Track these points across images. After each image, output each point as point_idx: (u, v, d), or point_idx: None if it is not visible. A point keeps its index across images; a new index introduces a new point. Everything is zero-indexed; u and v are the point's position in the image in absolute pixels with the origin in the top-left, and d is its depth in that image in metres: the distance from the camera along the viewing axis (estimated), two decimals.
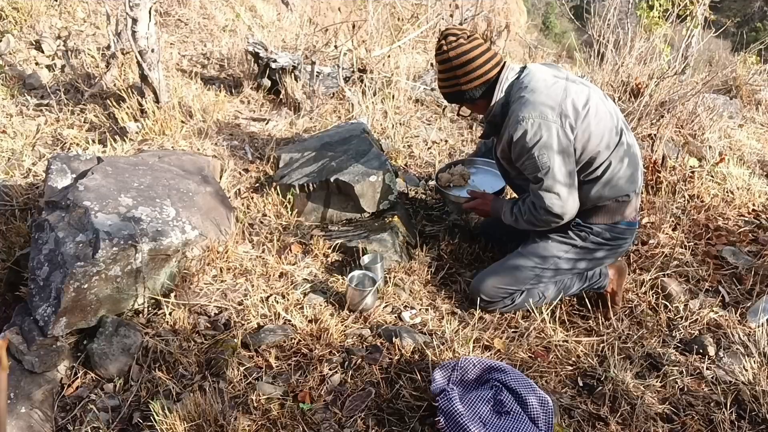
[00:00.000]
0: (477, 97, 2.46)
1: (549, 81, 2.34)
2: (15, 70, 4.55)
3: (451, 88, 2.47)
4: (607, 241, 2.49)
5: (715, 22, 6.01)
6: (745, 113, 5.29)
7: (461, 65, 2.39)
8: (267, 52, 4.36)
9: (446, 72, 2.44)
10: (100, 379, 2.24)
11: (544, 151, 2.25)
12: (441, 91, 2.56)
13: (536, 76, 2.36)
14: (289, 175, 3.21)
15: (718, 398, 2.21)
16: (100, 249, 2.30)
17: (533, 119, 2.24)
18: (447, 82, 2.47)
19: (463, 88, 2.43)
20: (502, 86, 2.41)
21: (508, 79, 2.41)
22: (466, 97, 2.47)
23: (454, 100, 2.56)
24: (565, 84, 2.34)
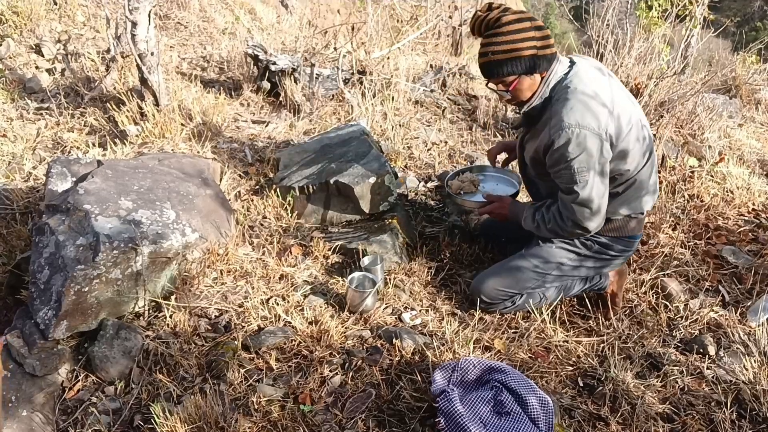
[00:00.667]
0: (544, 69, 2.24)
1: (597, 87, 2.23)
2: (15, 74, 4.55)
3: (527, 50, 2.17)
4: (612, 251, 2.50)
5: (715, 21, 6.01)
6: (745, 113, 5.29)
7: (541, 26, 2.19)
8: (266, 55, 4.37)
9: (522, 32, 2.16)
10: (101, 381, 2.24)
11: (584, 165, 2.18)
12: (509, 55, 2.19)
13: (584, 78, 2.25)
14: (288, 177, 3.22)
15: (719, 398, 2.21)
16: (101, 252, 2.30)
17: (579, 129, 2.14)
18: (522, 43, 2.16)
19: (540, 53, 2.19)
20: (550, 80, 2.27)
21: (557, 73, 2.27)
22: (537, 64, 2.21)
23: (519, 69, 2.21)
24: (611, 94, 2.25)
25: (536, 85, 2.29)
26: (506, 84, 2.27)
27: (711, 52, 7.39)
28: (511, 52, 2.18)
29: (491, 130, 4.40)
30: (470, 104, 4.80)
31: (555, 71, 2.26)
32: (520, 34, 2.16)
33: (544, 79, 2.27)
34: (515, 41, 2.16)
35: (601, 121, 2.16)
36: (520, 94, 2.31)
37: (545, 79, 2.27)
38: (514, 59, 2.19)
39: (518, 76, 2.23)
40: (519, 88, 2.28)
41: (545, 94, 2.28)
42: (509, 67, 2.21)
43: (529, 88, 2.29)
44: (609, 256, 2.52)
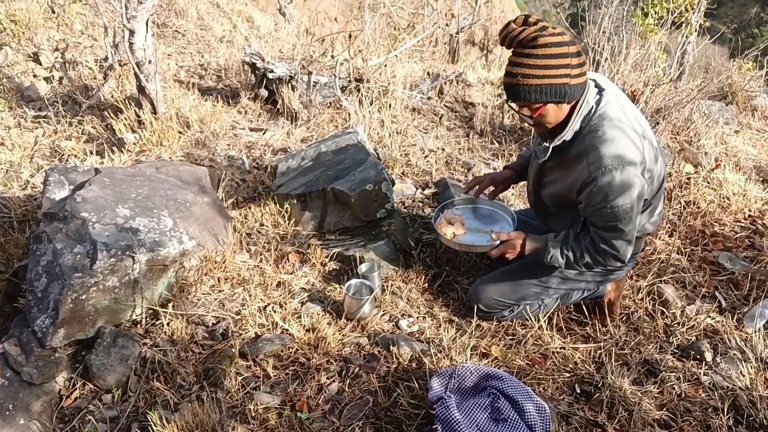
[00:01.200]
0: (575, 99, 2.08)
1: (630, 115, 2.13)
2: (13, 83, 4.57)
3: (560, 78, 1.99)
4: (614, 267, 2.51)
5: (711, 28, 6.04)
6: (741, 119, 5.31)
7: (576, 53, 2.00)
8: (264, 63, 4.38)
9: (557, 57, 1.96)
10: (99, 390, 2.24)
11: (628, 202, 2.07)
12: (540, 81, 1.99)
13: (618, 107, 2.13)
14: (286, 184, 3.22)
15: (716, 404, 2.21)
16: (98, 260, 2.31)
17: (622, 166, 2.01)
18: (555, 70, 1.97)
19: (573, 82, 2.01)
20: (582, 111, 2.11)
21: (588, 102, 2.11)
22: (568, 94, 2.03)
23: (549, 97, 2.03)
24: (637, 121, 2.16)
25: (562, 114, 2.12)
26: (531, 109, 2.09)
27: (707, 59, 7.42)
28: (543, 78, 1.98)
29: (488, 138, 4.42)
30: (467, 112, 4.82)
31: (586, 100, 2.11)
32: (556, 60, 1.97)
33: (576, 110, 2.11)
34: (549, 67, 1.97)
35: (643, 152, 2.08)
36: (544, 120, 2.13)
37: (577, 110, 2.11)
38: (545, 86, 2.00)
39: (545, 103, 2.06)
40: (544, 116, 2.11)
41: (576, 126, 2.13)
42: (537, 94, 2.02)
43: (554, 117, 2.12)
44: (612, 269, 2.51)
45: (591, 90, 2.13)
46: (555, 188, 2.33)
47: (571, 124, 2.13)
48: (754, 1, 26.78)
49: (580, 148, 2.13)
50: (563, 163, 2.24)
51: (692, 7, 5.11)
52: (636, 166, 2.04)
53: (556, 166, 2.30)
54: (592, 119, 2.11)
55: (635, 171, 2.04)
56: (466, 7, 6.96)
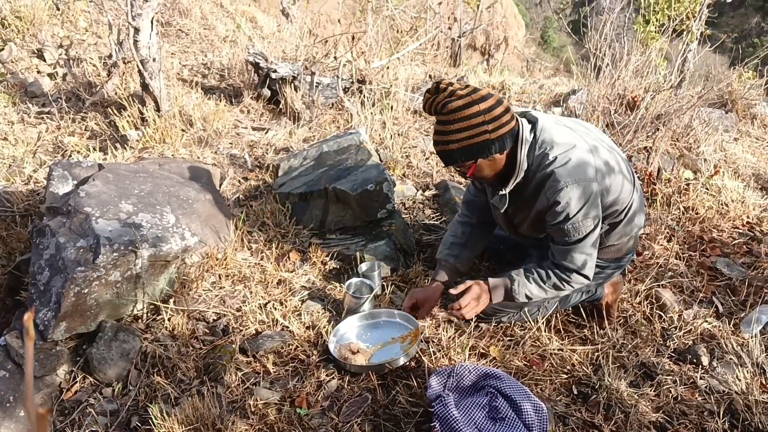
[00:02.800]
0: (503, 150, 2.12)
1: (569, 135, 2.18)
2: (17, 78, 4.59)
3: (478, 137, 2.05)
4: (609, 269, 2.55)
5: (712, 36, 6.08)
6: (741, 127, 5.34)
7: (488, 109, 2.05)
8: (267, 63, 4.40)
9: (470, 119, 2.03)
10: (99, 383, 2.25)
11: (590, 213, 2.14)
12: (460, 144, 2.08)
13: (552, 131, 2.17)
14: (288, 183, 3.24)
15: (712, 407, 2.22)
16: (101, 254, 2.32)
17: (577, 184, 2.08)
18: (471, 130, 2.05)
19: (492, 136, 2.06)
20: (522, 150, 2.15)
21: (527, 139, 2.16)
22: (492, 148, 2.09)
23: (473, 155, 2.11)
24: (588, 134, 2.24)
25: (499, 165, 2.18)
26: (466, 168, 2.17)
27: (707, 67, 7.46)
28: (461, 141, 2.07)
29: None
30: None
31: (524, 139, 2.15)
32: (468, 121, 2.04)
33: (519, 152, 2.16)
34: (463, 129, 2.05)
35: (592, 167, 2.14)
36: (482, 175, 2.22)
37: (519, 152, 2.15)
38: (465, 148, 2.08)
39: (474, 161, 2.13)
40: (480, 171, 2.19)
41: (524, 167, 2.18)
42: (462, 156, 2.11)
43: (491, 169, 2.19)
44: (609, 271, 2.56)
45: (525, 127, 2.17)
46: (526, 225, 2.38)
47: (519, 166, 2.17)
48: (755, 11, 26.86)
49: (535, 182, 2.19)
50: (523, 204, 2.29)
51: (693, 15, 5.14)
52: (588, 180, 2.11)
53: (519, 209, 2.34)
54: (536, 152, 2.16)
55: (588, 185, 2.11)
56: (468, 12, 6.99)
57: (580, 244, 2.21)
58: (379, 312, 2.57)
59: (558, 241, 2.25)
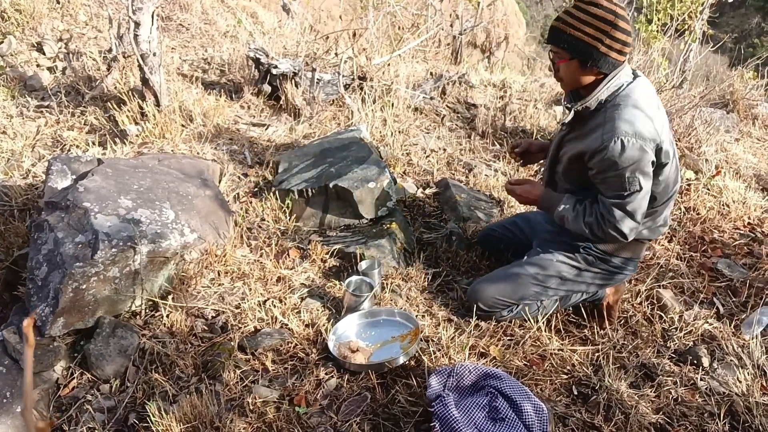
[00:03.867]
0: (599, 68, 2.18)
1: (654, 105, 2.21)
2: (16, 72, 4.56)
3: (591, 39, 2.13)
4: (616, 270, 2.52)
5: (713, 36, 6.07)
6: (742, 127, 5.33)
7: (621, 28, 2.11)
8: (268, 58, 4.38)
9: (598, 20, 2.11)
10: (97, 379, 2.24)
11: (637, 175, 2.15)
12: (572, 32, 2.15)
13: (645, 93, 2.21)
14: (288, 180, 3.23)
15: (712, 409, 2.22)
16: (99, 250, 2.31)
17: (635, 139, 2.10)
18: (590, 29, 2.12)
19: (602, 49, 2.13)
20: (610, 84, 2.20)
21: (618, 79, 2.20)
22: (592, 58, 2.16)
23: (574, 50, 2.18)
24: (662, 118, 2.24)
25: (583, 80, 2.25)
26: (559, 57, 2.24)
27: (709, 67, 7.45)
28: (578, 31, 2.14)
29: (490, 139, 4.43)
30: (469, 113, 4.82)
31: (617, 76, 2.20)
32: (598, 22, 2.11)
33: (603, 82, 2.20)
34: (588, 24, 2.12)
35: (655, 134, 2.14)
36: (565, 74, 2.27)
37: (604, 82, 2.20)
38: (575, 39, 2.15)
39: (571, 56, 2.20)
40: (567, 69, 2.25)
41: (602, 96, 2.22)
42: (567, 42, 2.18)
43: (574, 76, 2.26)
44: (612, 272, 2.53)
45: (626, 71, 2.23)
46: (569, 156, 2.37)
47: (597, 92, 2.22)
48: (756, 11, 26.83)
49: (600, 119, 2.21)
50: (582, 134, 2.31)
51: (695, 15, 5.13)
52: (647, 143, 2.12)
53: (574, 138, 2.36)
54: (619, 95, 2.20)
55: (647, 148, 2.12)
56: (468, 9, 6.97)
57: (627, 205, 2.21)
58: (378, 310, 2.56)
59: (606, 193, 2.26)
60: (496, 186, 3.73)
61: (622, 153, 2.11)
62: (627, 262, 2.52)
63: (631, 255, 2.51)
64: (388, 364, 2.24)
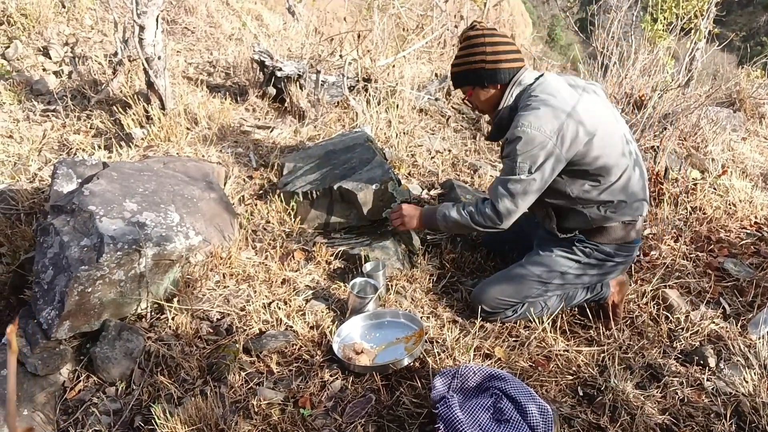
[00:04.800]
0: (496, 82, 2.40)
1: (560, 96, 2.30)
2: (22, 76, 4.59)
3: (475, 64, 2.39)
4: (611, 257, 2.51)
5: (720, 35, 6.03)
6: (749, 126, 5.30)
7: (493, 43, 2.36)
8: (273, 61, 4.39)
9: (474, 47, 2.38)
10: (103, 382, 2.25)
11: (528, 163, 2.26)
12: (460, 68, 2.45)
13: (550, 86, 2.33)
14: (292, 182, 3.23)
15: (718, 409, 2.21)
16: (105, 253, 2.32)
17: (530, 129, 2.21)
18: (472, 57, 2.39)
19: (488, 67, 2.37)
20: (513, 90, 2.40)
21: (521, 83, 2.39)
22: (485, 77, 2.39)
23: (470, 81, 2.45)
24: (579, 105, 2.29)
25: (492, 97, 2.46)
26: (464, 93, 2.52)
27: (715, 66, 7.40)
28: (461, 65, 2.45)
29: None
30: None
31: (519, 82, 2.39)
32: (471, 49, 2.40)
33: (507, 90, 2.41)
34: (466, 56, 2.42)
35: (556, 124, 2.22)
36: (477, 103, 2.53)
37: (508, 90, 2.40)
38: (463, 72, 2.45)
39: (472, 87, 2.47)
40: (475, 98, 2.51)
41: (509, 102, 2.41)
42: (461, 79, 2.49)
43: (484, 99, 2.49)
44: (611, 263, 2.53)
45: (529, 74, 2.41)
46: None
47: (504, 101, 2.42)
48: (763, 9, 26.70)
49: (513, 122, 2.34)
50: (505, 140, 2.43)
51: (701, 14, 5.10)
52: (544, 134, 2.22)
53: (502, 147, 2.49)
54: (524, 97, 2.36)
55: (545, 139, 2.21)
56: (474, 10, 6.96)
57: (508, 181, 2.32)
58: (383, 312, 2.56)
59: (501, 174, 2.40)
60: None
61: (517, 141, 2.25)
62: (620, 249, 2.51)
63: (622, 238, 2.49)
64: (392, 365, 2.25)
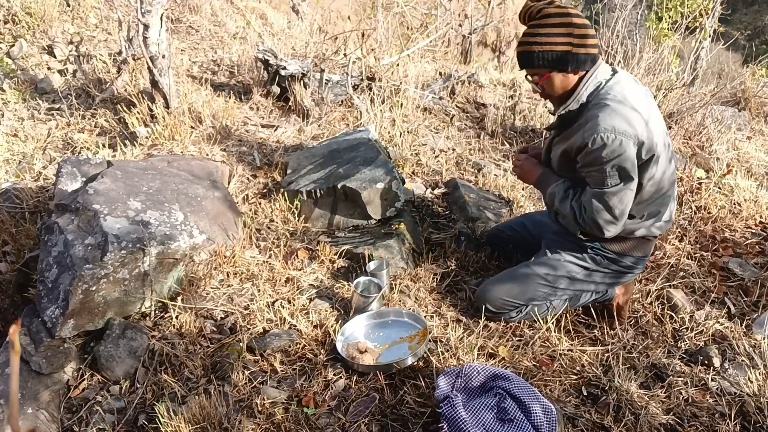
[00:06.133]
0: (579, 69, 2.21)
1: (636, 98, 2.21)
2: (27, 75, 4.60)
3: (561, 46, 2.16)
4: (624, 268, 2.50)
5: (725, 34, 6.02)
6: (754, 125, 5.28)
7: (580, 25, 2.15)
8: (277, 60, 4.39)
9: (559, 27, 2.15)
10: (107, 381, 2.26)
11: (617, 170, 2.17)
12: (542, 48, 2.19)
13: (625, 87, 2.22)
14: (296, 181, 3.23)
15: (723, 410, 2.20)
16: (109, 252, 2.32)
17: (615, 135, 2.10)
18: (557, 38, 2.15)
19: (574, 51, 2.16)
20: (589, 84, 2.23)
21: (596, 78, 2.23)
22: (570, 62, 2.19)
23: (551, 64, 2.21)
24: (648, 110, 2.23)
25: (569, 84, 2.27)
26: (539, 76, 2.27)
27: (720, 65, 7.38)
28: (545, 45, 2.17)
29: (499, 139, 4.41)
30: (479, 112, 4.81)
31: (595, 75, 2.23)
32: (557, 28, 2.15)
33: (582, 82, 2.24)
34: (550, 35, 2.16)
35: (638, 130, 2.13)
36: (550, 89, 2.29)
37: (583, 82, 2.24)
38: (547, 53, 2.18)
39: (550, 70, 2.23)
40: (550, 83, 2.27)
41: (582, 98, 2.25)
42: (540, 60, 2.21)
43: (561, 86, 2.27)
44: (621, 272, 2.51)
45: (603, 68, 2.26)
46: (557, 156, 2.41)
47: (577, 95, 2.25)
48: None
49: (583, 120, 2.23)
50: (567, 135, 2.33)
51: (706, 12, 5.09)
52: (628, 139, 2.11)
53: (562, 139, 2.38)
54: (599, 93, 2.22)
55: (627, 144, 2.11)
56: (479, 9, 6.95)
57: (606, 198, 2.22)
58: (387, 311, 2.56)
59: (590, 185, 2.29)
60: (505, 186, 3.72)
61: (602, 149, 2.13)
62: (638, 261, 2.50)
63: (642, 254, 2.49)
64: (396, 365, 2.24)
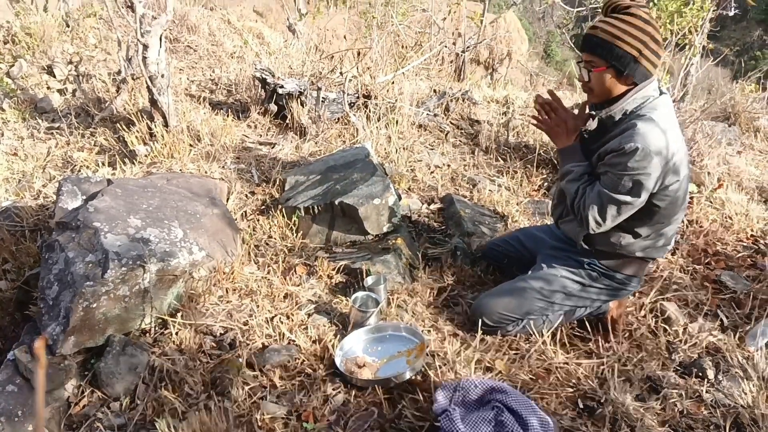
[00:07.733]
0: (632, 77, 2.22)
1: (674, 123, 2.24)
2: (27, 94, 4.64)
3: (631, 47, 2.15)
4: (616, 284, 2.55)
5: (714, 50, 6.10)
6: (744, 140, 5.35)
7: (658, 40, 2.17)
8: (274, 78, 4.45)
9: (639, 30, 2.15)
10: (107, 397, 2.26)
11: (633, 183, 2.18)
12: (614, 40, 2.16)
13: (668, 111, 2.24)
14: (294, 197, 3.27)
15: (717, 421, 2.22)
16: (109, 269, 2.34)
17: (650, 151, 2.11)
18: (631, 38, 2.15)
19: (640, 58, 2.16)
20: (636, 96, 2.23)
21: (646, 91, 2.23)
22: (629, 67, 2.19)
23: (612, 58, 2.19)
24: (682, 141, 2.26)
25: (615, 90, 2.27)
26: (594, 65, 2.25)
27: (710, 81, 7.48)
28: (618, 39, 2.16)
29: (493, 155, 4.46)
30: (473, 129, 4.87)
31: (645, 89, 2.23)
32: (637, 31, 2.15)
33: (630, 93, 2.24)
34: (627, 33, 2.15)
35: (670, 155, 2.17)
36: (596, 83, 2.28)
37: (631, 93, 2.24)
38: (615, 47, 2.16)
39: (608, 64, 2.22)
40: (599, 78, 2.26)
41: (628, 107, 2.25)
42: (606, 49, 2.19)
43: (607, 86, 2.27)
44: (616, 288, 2.56)
45: (653, 85, 2.25)
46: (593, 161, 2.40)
47: (624, 101, 2.25)
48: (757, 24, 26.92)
49: (621, 129, 2.23)
50: (603, 142, 2.32)
51: (696, 29, 5.16)
52: (658, 160, 2.13)
53: (596, 147, 2.37)
54: (644, 108, 2.23)
55: (654, 163, 2.13)
56: (471, 27, 7.04)
57: (608, 198, 2.24)
58: (385, 326, 2.59)
59: (600, 182, 2.30)
60: (500, 201, 3.76)
61: (631, 157, 2.13)
62: (630, 278, 2.54)
63: (634, 272, 2.53)
64: (394, 379, 2.27)
